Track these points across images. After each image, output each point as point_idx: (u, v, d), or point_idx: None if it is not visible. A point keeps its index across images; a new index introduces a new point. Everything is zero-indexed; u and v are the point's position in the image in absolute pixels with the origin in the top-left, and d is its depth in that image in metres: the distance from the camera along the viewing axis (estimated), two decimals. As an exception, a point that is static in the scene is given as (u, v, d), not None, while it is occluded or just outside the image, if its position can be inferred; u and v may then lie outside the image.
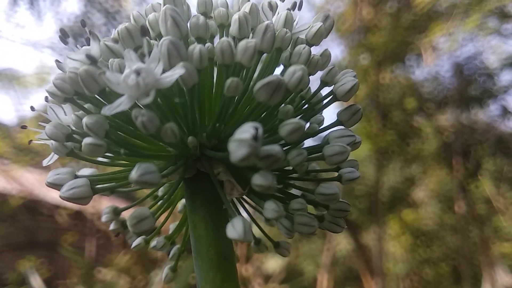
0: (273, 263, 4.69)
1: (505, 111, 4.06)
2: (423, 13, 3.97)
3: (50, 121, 0.33)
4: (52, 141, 0.31)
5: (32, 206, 4.34)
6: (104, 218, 0.37)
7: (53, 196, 4.78)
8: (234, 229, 0.26)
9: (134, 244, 0.36)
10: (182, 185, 0.35)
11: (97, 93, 0.27)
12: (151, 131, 0.25)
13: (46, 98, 0.33)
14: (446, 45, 3.82)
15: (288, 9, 0.33)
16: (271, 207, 0.27)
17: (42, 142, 0.34)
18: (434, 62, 4.35)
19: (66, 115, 0.33)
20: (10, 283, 3.79)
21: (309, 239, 5.23)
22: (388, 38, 4.00)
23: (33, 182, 4.43)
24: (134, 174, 0.24)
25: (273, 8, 0.34)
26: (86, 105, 0.31)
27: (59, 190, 0.29)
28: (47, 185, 0.30)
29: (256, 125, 0.24)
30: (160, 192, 0.39)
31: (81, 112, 0.30)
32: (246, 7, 0.31)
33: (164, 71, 0.26)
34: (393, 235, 5.41)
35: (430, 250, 5.29)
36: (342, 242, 5.48)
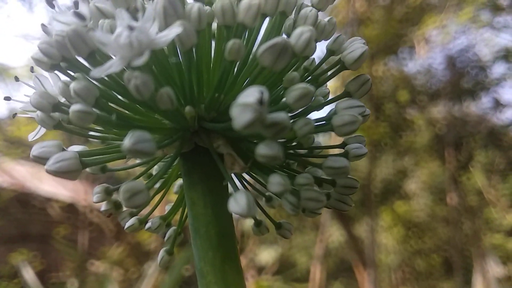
0: (266, 254, 4.69)
1: (497, 104, 4.07)
2: (416, 6, 3.95)
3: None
4: (38, 112, 0.29)
5: (24, 199, 4.30)
6: (95, 198, 0.34)
7: (45, 189, 4.74)
8: (237, 204, 0.24)
9: (127, 224, 0.34)
10: (178, 163, 0.32)
11: (87, 55, 0.24)
12: (145, 96, 0.23)
13: (32, 68, 0.31)
14: (439, 38, 3.82)
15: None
16: (276, 181, 0.25)
17: (28, 115, 0.31)
18: (427, 54, 4.34)
19: (53, 86, 0.30)
20: (2, 276, 3.75)
21: (302, 231, 5.23)
22: (381, 31, 3.98)
23: (24, 175, 4.38)
24: (127, 141, 0.22)
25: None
26: (74, 74, 0.28)
27: (44, 164, 0.26)
28: (32, 159, 0.27)
29: (262, 88, 0.22)
30: (154, 171, 0.37)
31: (68, 80, 0.28)
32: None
33: (159, 31, 0.23)
34: (386, 227, 5.43)
35: (422, 242, 5.31)
36: (334, 234, 5.49)
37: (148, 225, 0.35)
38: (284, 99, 0.25)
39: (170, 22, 0.23)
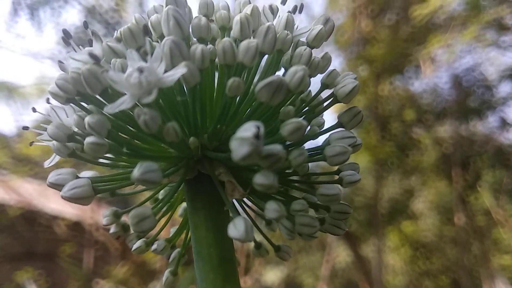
0: (272, 275, 4.66)
1: (504, 123, 4.07)
2: (421, 25, 3.99)
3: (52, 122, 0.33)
4: (53, 141, 0.31)
5: (31, 217, 4.32)
6: (104, 221, 0.37)
7: (52, 206, 4.77)
8: (235, 229, 0.26)
9: (134, 247, 0.36)
10: (183, 188, 0.35)
11: (100, 92, 0.27)
12: (153, 130, 0.25)
13: (48, 99, 0.33)
14: (444, 57, 3.85)
15: (289, 11, 0.33)
16: (272, 207, 0.27)
17: (43, 143, 0.34)
18: (433, 74, 4.37)
19: (68, 116, 0.33)
20: (7, 294, 3.76)
21: (308, 251, 5.20)
22: (387, 50, 4.02)
23: (31, 193, 4.41)
24: (136, 172, 0.24)
25: (274, 11, 0.34)
26: (88, 106, 0.31)
27: (60, 190, 0.29)
28: (48, 185, 0.29)
29: (258, 123, 0.24)
30: (160, 195, 0.39)
31: (83, 112, 0.30)
32: (247, 9, 0.31)
33: (166, 71, 0.26)
34: (393, 247, 5.38)
35: (429, 262, 5.26)
36: (341, 254, 5.45)
37: (154, 247, 0.37)
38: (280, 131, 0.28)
39: (176, 62, 0.26)
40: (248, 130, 0.24)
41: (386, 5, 4.24)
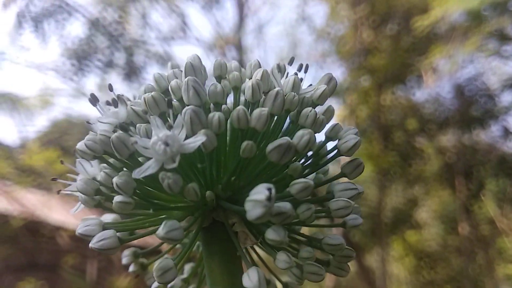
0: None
1: (506, 132, 4.09)
2: (423, 36, 4.03)
3: (75, 171, 0.36)
4: (80, 194, 0.34)
5: (34, 228, 4.35)
6: (124, 260, 0.40)
7: (55, 217, 4.80)
8: (250, 280, 0.29)
9: (153, 286, 0.39)
10: (199, 234, 0.38)
11: (127, 156, 0.30)
12: (175, 192, 0.29)
13: (75, 152, 0.36)
14: (446, 67, 3.88)
15: (295, 73, 0.36)
16: (282, 258, 0.30)
17: (69, 193, 0.37)
18: (435, 83, 4.40)
19: (92, 166, 0.36)
20: (10, 306, 3.77)
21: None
22: (389, 60, 4.06)
23: (34, 204, 4.45)
24: (161, 231, 0.28)
25: (281, 70, 0.37)
26: (113, 162, 0.34)
27: (88, 240, 0.32)
28: (79, 235, 0.33)
29: (270, 186, 0.28)
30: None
31: (109, 170, 0.34)
32: (258, 74, 0.34)
33: (187, 137, 0.29)
34: (397, 257, 5.40)
35: (434, 272, 5.26)
36: (345, 264, 5.45)
37: (171, 285, 0.40)
38: (288, 189, 0.31)
39: (196, 129, 0.29)
40: (261, 193, 0.27)
41: (388, 16, 4.29)
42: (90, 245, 0.31)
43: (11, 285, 4.24)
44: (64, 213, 5.67)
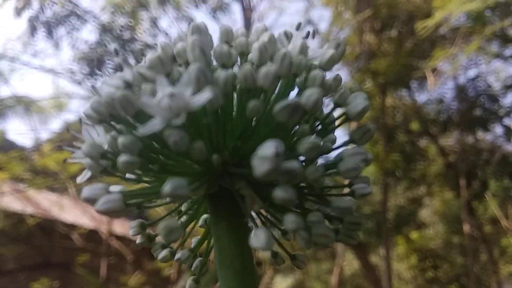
0: (283, 282, 4.65)
1: (510, 132, 4.05)
2: (426, 38, 4.00)
3: (82, 141, 0.35)
4: (87, 159, 0.33)
5: (47, 227, 4.37)
6: (131, 232, 0.39)
7: (68, 217, 4.81)
8: (257, 239, 0.28)
9: (160, 256, 0.38)
10: (206, 202, 0.37)
11: (132, 114, 0.29)
12: (182, 149, 0.27)
13: (80, 120, 0.35)
14: (449, 69, 3.85)
15: (303, 37, 0.35)
16: (291, 219, 0.29)
17: (76, 161, 0.36)
18: (438, 85, 4.37)
19: (99, 136, 0.35)
20: (24, 303, 3.78)
21: (318, 259, 5.19)
22: (392, 63, 4.03)
23: (48, 204, 4.47)
24: (167, 188, 0.26)
25: (288, 37, 0.36)
26: (119, 126, 0.33)
27: (93, 204, 0.31)
28: (83, 201, 0.31)
29: (278, 142, 0.26)
30: (183, 207, 0.41)
31: (115, 133, 0.32)
32: (265, 37, 0.33)
33: (192, 96, 0.28)
34: (402, 256, 5.36)
35: (438, 271, 5.21)
36: (350, 263, 5.42)
37: (178, 256, 0.39)
38: (296, 148, 0.30)
39: (201, 87, 0.28)
40: (268, 148, 0.26)
41: (391, 19, 4.26)
42: (95, 207, 0.30)
43: (25, 284, 4.25)
44: (77, 213, 5.68)
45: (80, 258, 4.20)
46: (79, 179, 0.36)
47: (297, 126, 0.32)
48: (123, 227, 4.92)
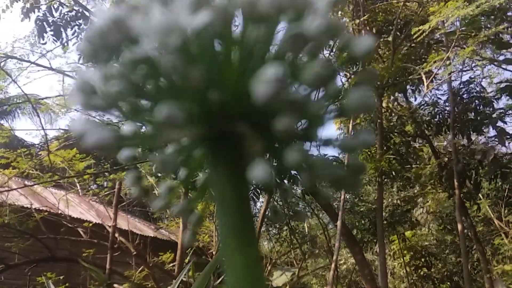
0: (282, 277, 4.61)
1: (503, 134, 4.02)
2: (422, 42, 3.98)
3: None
4: (78, 94, 0.31)
5: (53, 222, 4.35)
6: (127, 183, 0.36)
7: (73, 212, 4.78)
8: (257, 170, 0.25)
9: (157, 205, 0.35)
10: (203, 151, 0.34)
11: (123, 39, 0.26)
12: (179, 71, 0.25)
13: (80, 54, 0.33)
14: (445, 72, 3.83)
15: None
16: (294, 149, 0.26)
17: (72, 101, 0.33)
18: (434, 87, 4.35)
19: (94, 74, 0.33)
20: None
21: (315, 256, 5.16)
22: (389, 66, 4.01)
23: (55, 200, 4.45)
24: (162, 111, 0.24)
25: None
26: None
27: (83, 138, 0.28)
28: (74, 135, 0.29)
29: (280, 65, 0.24)
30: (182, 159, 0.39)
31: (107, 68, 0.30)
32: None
33: (188, 17, 0.25)
34: (397, 254, 5.31)
35: (432, 269, 5.17)
36: (347, 260, 5.38)
37: (174, 208, 0.36)
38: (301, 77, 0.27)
39: (198, 9, 0.26)
40: (270, 71, 0.24)
41: (388, 23, 4.25)
42: (86, 141, 0.27)
43: (30, 279, 4.22)
44: (82, 210, 5.65)
45: (85, 253, 4.17)
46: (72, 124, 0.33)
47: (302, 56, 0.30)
48: (128, 222, 4.90)
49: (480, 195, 4.40)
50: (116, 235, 3.96)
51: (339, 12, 4.10)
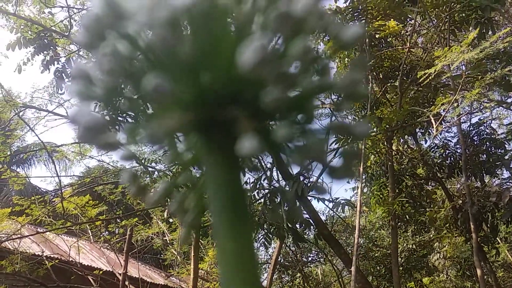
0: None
1: (516, 175, 3.94)
2: (429, 85, 4.02)
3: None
4: (75, 82, 0.31)
5: (64, 269, 4.29)
6: (124, 181, 0.36)
7: (85, 259, 4.72)
8: (246, 144, 0.25)
9: (150, 200, 0.35)
10: (196, 140, 0.34)
11: (116, 17, 0.27)
12: (170, 44, 0.25)
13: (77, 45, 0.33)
14: (454, 115, 3.83)
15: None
16: (283, 126, 0.26)
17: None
18: (444, 130, 4.33)
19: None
20: None
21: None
22: (398, 110, 4.03)
23: (67, 247, 4.41)
24: (151, 81, 0.24)
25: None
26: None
27: (77, 125, 0.28)
28: (69, 121, 0.29)
29: (265, 35, 0.24)
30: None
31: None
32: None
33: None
34: (415, 302, 5.09)
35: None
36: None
37: (169, 206, 0.35)
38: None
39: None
40: (257, 38, 0.24)
41: (394, 69, 4.31)
42: (79, 127, 0.28)
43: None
44: (93, 258, 5.58)
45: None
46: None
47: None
48: (139, 269, 4.81)
49: (498, 238, 4.25)
50: (127, 282, 3.88)
51: (346, 59, 4.19)
